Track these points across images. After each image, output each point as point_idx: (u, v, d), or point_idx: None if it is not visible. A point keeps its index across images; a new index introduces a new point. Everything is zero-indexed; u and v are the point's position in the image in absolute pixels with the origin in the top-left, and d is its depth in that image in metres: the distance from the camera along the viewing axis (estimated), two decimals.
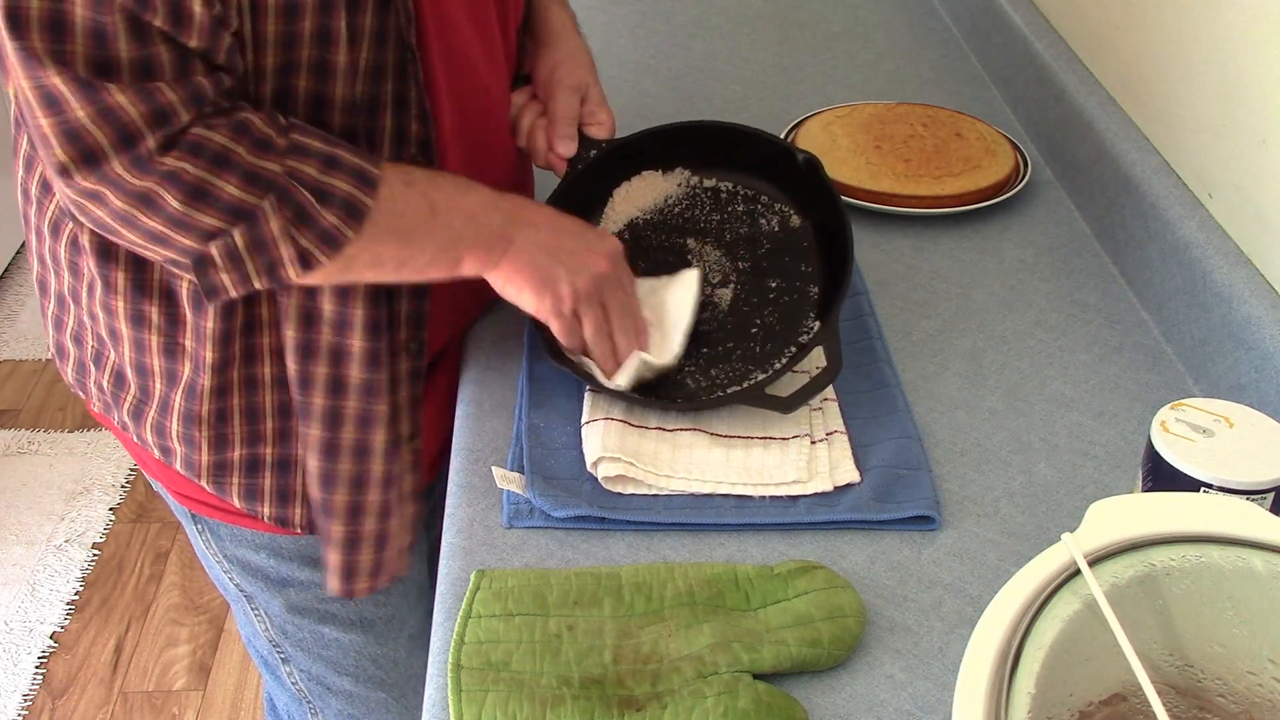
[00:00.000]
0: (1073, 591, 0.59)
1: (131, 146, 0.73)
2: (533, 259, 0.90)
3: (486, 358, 1.05)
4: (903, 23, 1.69)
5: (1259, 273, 0.99)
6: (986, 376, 1.03)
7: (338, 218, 0.80)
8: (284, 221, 0.79)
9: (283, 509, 0.98)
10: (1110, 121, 1.21)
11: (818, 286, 1.02)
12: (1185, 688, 0.63)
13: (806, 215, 1.05)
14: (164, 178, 0.75)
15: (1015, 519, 0.90)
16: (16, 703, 1.96)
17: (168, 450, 0.96)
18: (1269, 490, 0.72)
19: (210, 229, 0.77)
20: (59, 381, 2.63)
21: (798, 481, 0.90)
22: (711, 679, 0.75)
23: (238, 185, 0.77)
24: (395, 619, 1.13)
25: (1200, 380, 1.02)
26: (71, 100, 0.71)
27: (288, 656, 1.14)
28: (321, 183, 0.79)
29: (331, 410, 0.91)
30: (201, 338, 0.89)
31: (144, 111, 0.73)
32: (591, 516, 0.88)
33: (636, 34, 1.64)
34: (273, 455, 0.96)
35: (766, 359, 0.98)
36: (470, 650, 0.77)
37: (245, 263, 0.79)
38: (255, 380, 0.93)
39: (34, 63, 0.71)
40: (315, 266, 0.81)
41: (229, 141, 0.76)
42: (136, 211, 0.76)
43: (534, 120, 1.03)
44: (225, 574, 1.09)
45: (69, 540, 2.26)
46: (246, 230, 0.78)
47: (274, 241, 0.79)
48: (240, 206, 0.77)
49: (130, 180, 0.74)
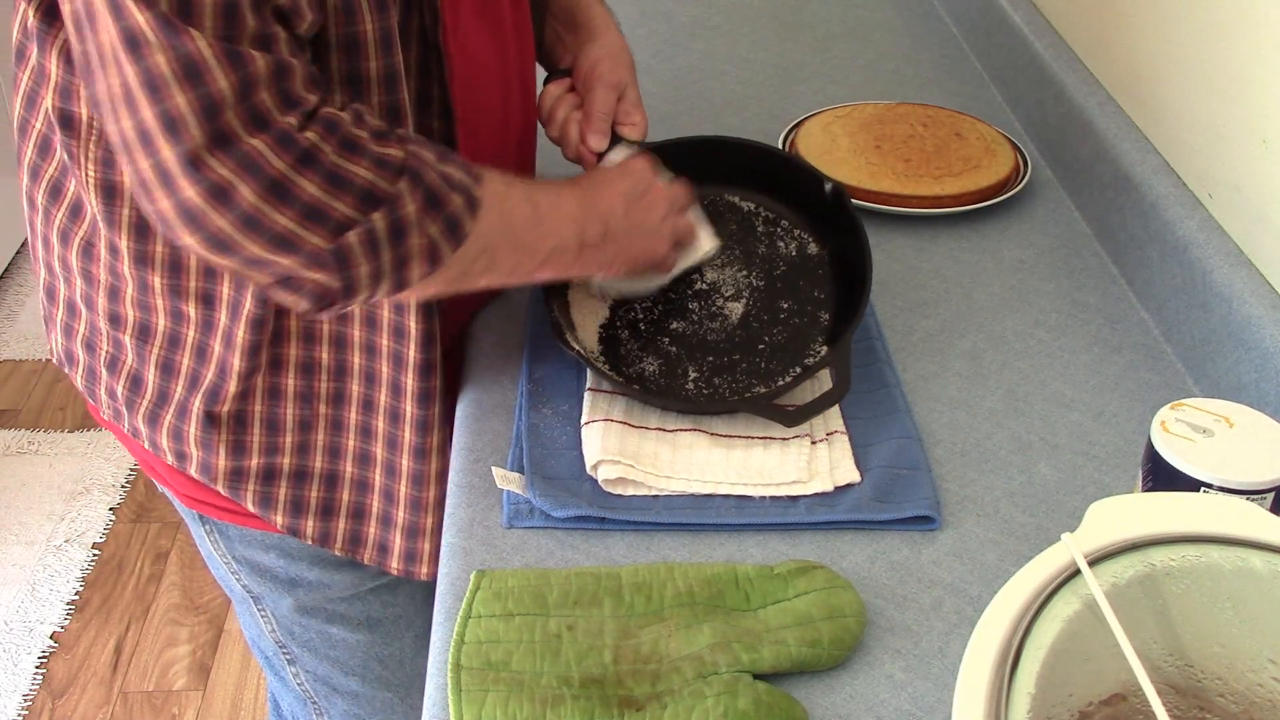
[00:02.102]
0: (1073, 591, 0.59)
1: (270, 122, 0.70)
2: (629, 235, 0.94)
3: (486, 358, 1.05)
4: (903, 23, 1.69)
5: (1259, 273, 0.99)
6: (986, 376, 1.03)
7: (460, 203, 0.79)
8: (419, 205, 0.76)
9: (295, 520, 0.99)
10: (1110, 121, 1.21)
11: (828, 314, 1.02)
12: (1185, 688, 0.63)
13: (826, 244, 1.06)
14: (300, 160, 0.70)
15: (1015, 519, 0.90)
16: (16, 703, 1.96)
17: (183, 455, 0.96)
18: (1269, 490, 0.72)
19: (344, 218, 0.73)
20: (59, 381, 2.63)
21: (798, 481, 0.90)
22: (711, 679, 0.75)
23: (370, 169, 0.74)
24: (402, 619, 1.13)
25: (1200, 380, 1.02)
26: (215, 69, 0.67)
27: (294, 657, 1.15)
28: (440, 169, 0.78)
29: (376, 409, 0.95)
30: (232, 344, 0.90)
31: (276, 89, 0.70)
32: (591, 516, 0.88)
33: (636, 34, 1.64)
34: (290, 466, 0.97)
35: (771, 375, 0.98)
36: (470, 650, 0.77)
37: (383, 252, 0.76)
38: (279, 391, 0.94)
39: (172, 29, 0.66)
40: (440, 261, 0.79)
41: (354, 128, 0.74)
42: (267, 206, 0.70)
43: (569, 113, 1.04)
44: (233, 575, 1.10)
45: (69, 540, 2.26)
46: (387, 214, 0.75)
47: (412, 226, 0.76)
48: (374, 192, 0.74)
49: (270, 159, 0.70)
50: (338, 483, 0.99)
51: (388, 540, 1.01)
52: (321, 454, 0.98)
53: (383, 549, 1.02)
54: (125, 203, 0.87)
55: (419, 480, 0.98)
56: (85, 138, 0.86)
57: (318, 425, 0.96)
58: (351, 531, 1.01)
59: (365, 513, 1.01)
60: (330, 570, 1.06)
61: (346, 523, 1.01)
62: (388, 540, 1.01)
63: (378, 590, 1.10)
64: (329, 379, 0.95)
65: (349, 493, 1.00)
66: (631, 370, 1.00)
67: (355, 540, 1.02)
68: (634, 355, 1.01)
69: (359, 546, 1.02)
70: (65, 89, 0.85)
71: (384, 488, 0.99)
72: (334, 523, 1.00)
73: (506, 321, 1.08)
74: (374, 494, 1.00)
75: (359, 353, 0.94)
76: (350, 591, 1.09)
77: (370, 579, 1.08)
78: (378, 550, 1.02)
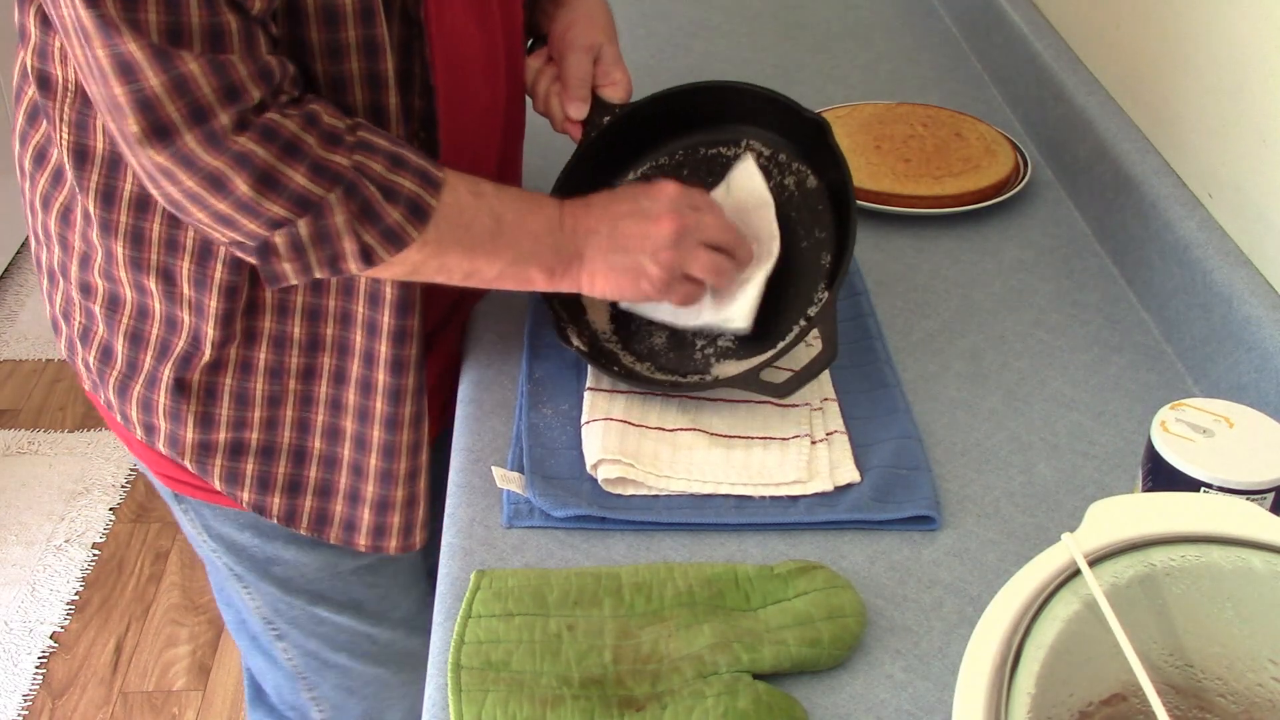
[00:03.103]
0: (1073, 591, 0.59)
1: (204, 121, 0.73)
2: (608, 262, 0.90)
3: (487, 357, 1.05)
4: (903, 23, 1.69)
5: (1259, 273, 0.99)
6: (986, 376, 1.03)
7: (403, 216, 0.81)
8: (349, 216, 0.79)
9: (262, 496, 0.98)
10: (1110, 121, 1.21)
11: (829, 255, 1.00)
12: (1185, 688, 0.63)
13: (821, 178, 1.03)
14: (235, 159, 0.75)
15: (1015, 519, 0.90)
16: (16, 703, 1.96)
17: (151, 428, 0.96)
18: (1269, 490, 0.72)
19: (277, 217, 0.77)
20: (59, 381, 2.63)
21: (798, 481, 0.90)
22: (711, 679, 0.75)
23: (306, 175, 0.77)
24: (386, 599, 1.13)
25: (1200, 380, 1.02)
26: (146, 69, 0.71)
27: (282, 633, 1.14)
28: (388, 180, 0.80)
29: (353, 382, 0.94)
30: (205, 314, 0.89)
31: (216, 85, 0.73)
32: (591, 516, 0.88)
33: (636, 34, 1.64)
34: (258, 441, 0.96)
35: (779, 334, 0.97)
36: (470, 650, 0.77)
37: (308, 253, 0.80)
38: (250, 364, 0.93)
39: (110, 29, 0.70)
40: (377, 262, 0.82)
41: (300, 130, 0.76)
42: (205, 193, 0.76)
43: (549, 84, 1.03)
44: (213, 553, 1.09)
45: (69, 540, 2.26)
46: (312, 222, 0.78)
47: (338, 235, 0.79)
48: (307, 197, 0.77)
49: (203, 158, 0.74)
50: (305, 459, 0.98)
51: (355, 517, 0.99)
52: (290, 429, 0.96)
53: (349, 527, 1.00)
54: (95, 167, 0.87)
55: (389, 452, 0.96)
56: (60, 99, 0.86)
57: (287, 400, 0.95)
58: (318, 510, 0.99)
59: (332, 490, 0.99)
60: (305, 550, 1.06)
61: (313, 500, 0.99)
62: (355, 517, 0.99)
63: (359, 572, 1.09)
64: (300, 354, 0.94)
65: (316, 469, 0.98)
66: (641, 347, 1.00)
67: (321, 519, 1.00)
68: (644, 330, 1.01)
69: (325, 525, 1.00)
70: (42, 49, 0.85)
71: (353, 462, 0.97)
72: (300, 500, 0.99)
73: (506, 321, 1.08)
74: (342, 470, 0.98)
75: (333, 324, 0.93)
76: (328, 572, 1.08)
77: (349, 559, 1.08)
78: (344, 528, 1.00)
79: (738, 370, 0.96)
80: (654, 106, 1.04)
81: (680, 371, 0.99)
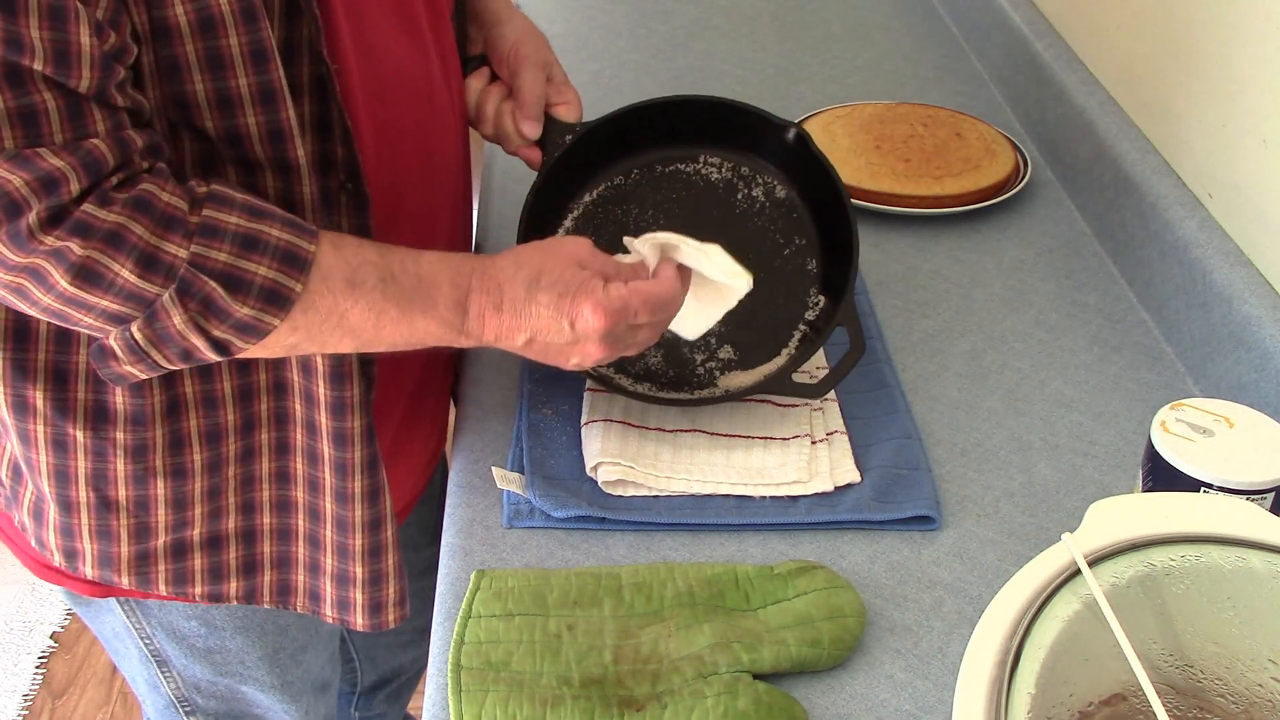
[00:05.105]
0: (1073, 591, 0.59)
1: (11, 219, 0.64)
2: (527, 352, 0.81)
3: (487, 357, 1.05)
4: (903, 23, 1.69)
5: (1259, 273, 0.99)
6: (986, 376, 1.03)
7: (255, 308, 0.71)
8: (188, 316, 0.70)
9: (216, 586, 0.90)
10: (1110, 121, 1.21)
11: (815, 260, 1.00)
12: (1185, 688, 0.63)
13: (793, 186, 1.02)
14: (49, 255, 0.66)
15: (1015, 519, 0.90)
16: (16, 703, 1.96)
17: (73, 553, 0.87)
18: (1269, 490, 0.72)
19: (113, 312, 0.69)
20: None
21: (798, 482, 0.90)
22: (711, 679, 0.75)
23: (133, 270, 0.67)
24: (309, 675, 1.08)
25: (1200, 380, 1.02)
26: None
27: (194, 708, 1.08)
28: (234, 269, 0.70)
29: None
30: (112, 419, 0.81)
31: (25, 179, 0.64)
32: (591, 516, 0.88)
33: (636, 34, 1.64)
34: (201, 536, 0.87)
35: (779, 342, 0.98)
36: (470, 650, 0.77)
37: (150, 354, 0.71)
38: (183, 470, 0.84)
39: None
40: (237, 353, 0.73)
41: (125, 219, 0.67)
42: (28, 284, 0.67)
43: (499, 105, 0.96)
44: (141, 641, 1.00)
45: None
46: (145, 324, 0.70)
47: (179, 335, 0.70)
48: (139, 294, 0.68)
49: (11, 258, 0.66)
50: (255, 537, 0.89)
51: (318, 588, 0.91)
52: (233, 515, 0.88)
53: (314, 596, 0.92)
54: None
55: (343, 526, 0.87)
56: None
57: (227, 489, 0.86)
58: (279, 582, 0.91)
59: (290, 561, 0.91)
60: (253, 636, 1.00)
61: (271, 574, 0.91)
62: (318, 588, 0.91)
63: (295, 654, 1.05)
64: (236, 439, 0.85)
65: (270, 544, 0.90)
66: (637, 368, 0.98)
67: (284, 590, 0.92)
68: None
69: (289, 595, 0.92)
70: None
71: (308, 533, 0.89)
72: (258, 578, 0.91)
73: None
74: (297, 541, 0.90)
75: (267, 397, 0.84)
76: (270, 658, 1.03)
77: (290, 640, 1.03)
78: (309, 598, 0.92)
79: (749, 381, 0.96)
80: (612, 125, 1.01)
81: (685, 388, 0.97)
